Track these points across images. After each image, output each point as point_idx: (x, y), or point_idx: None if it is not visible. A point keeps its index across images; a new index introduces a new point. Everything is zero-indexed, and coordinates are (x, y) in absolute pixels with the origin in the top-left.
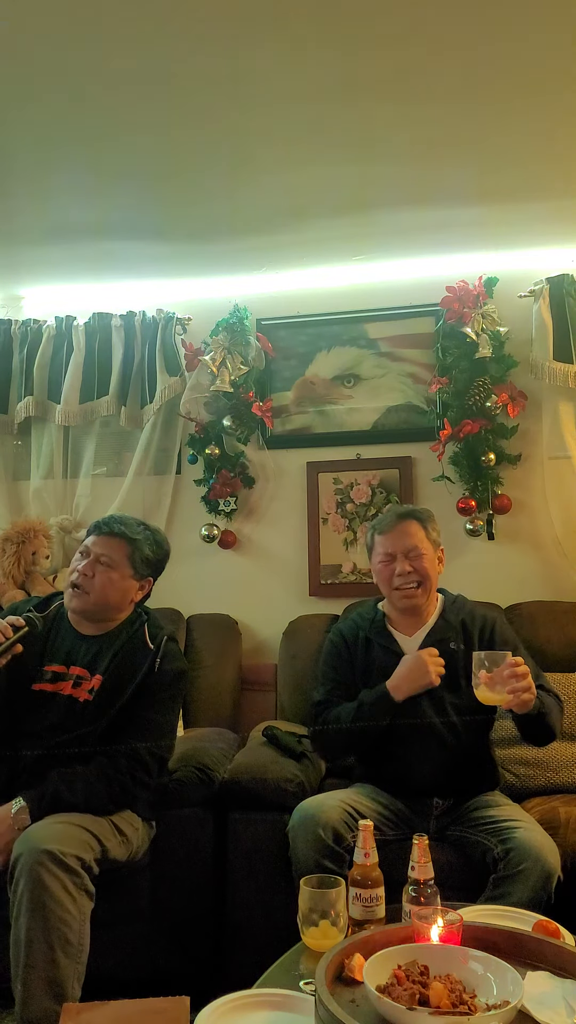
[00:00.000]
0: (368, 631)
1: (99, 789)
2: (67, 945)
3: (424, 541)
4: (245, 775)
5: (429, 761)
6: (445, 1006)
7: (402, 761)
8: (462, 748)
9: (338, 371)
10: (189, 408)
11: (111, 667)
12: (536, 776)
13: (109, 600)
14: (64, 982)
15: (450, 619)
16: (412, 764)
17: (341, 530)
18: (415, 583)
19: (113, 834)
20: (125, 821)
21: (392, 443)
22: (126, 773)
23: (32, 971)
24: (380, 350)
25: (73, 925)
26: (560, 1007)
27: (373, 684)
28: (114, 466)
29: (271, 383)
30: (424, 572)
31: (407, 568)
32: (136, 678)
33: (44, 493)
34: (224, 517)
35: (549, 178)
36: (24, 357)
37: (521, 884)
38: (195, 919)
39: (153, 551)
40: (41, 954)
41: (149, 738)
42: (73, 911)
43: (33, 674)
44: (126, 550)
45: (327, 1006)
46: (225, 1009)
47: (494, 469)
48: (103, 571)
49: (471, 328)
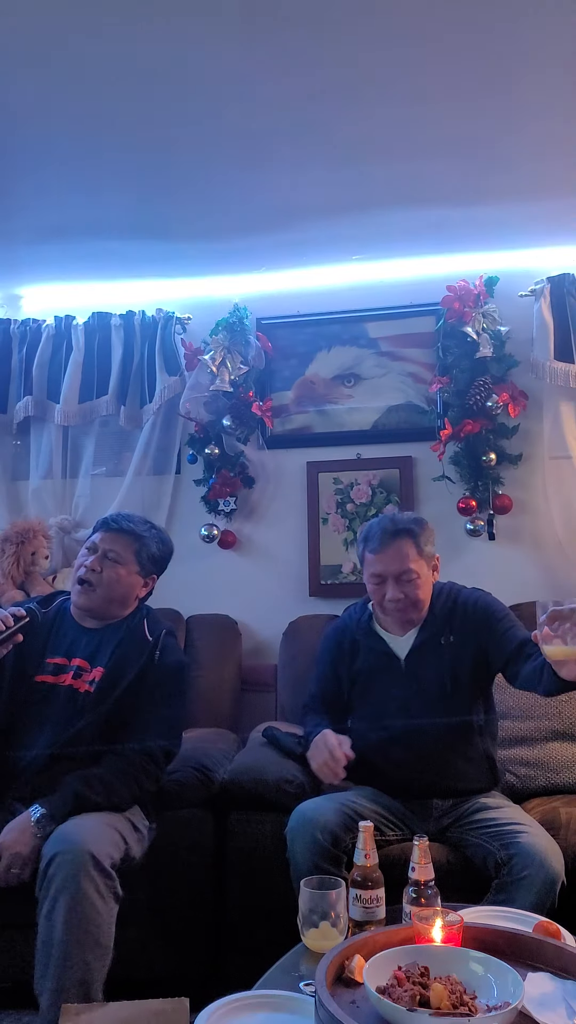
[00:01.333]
0: (356, 632)
1: (118, 786)
2: (97, 947)
3: (417, 560)
4: (245, 776)
5: (425, 762)
6: (446, 1007)
7: (399, 763)
8: (459, 748)
9: (338, 371)
10: (189, 408)
11: (112, 659)
12: (536, 777)
13: (115, 595)
14: (92, 984)
15: (438, 613)
16: (410, 765)
17: (341, 530)
18: (403, 608)
19: (131, 831)
20: (138, 818)
21: (392, 443)
22: (139, 768)
23: (67, 973)
24: (380, 349)
25: (104, 928)
26: (561, 1008)
27: (363, 685)
28: (113, 466)
29: (271, 383)
30: (415, 598)
31: (398, 595)
32: (135, 669)
33: (43, 493)
34: (224, 517)
35: (549, 178)
36: (23, 356)
37: (525, 891)
38: (195, 920)
39: (159, 549)
40: (76, 956)
41: (160, 733)
42: (104, 914)
43: (35, 666)
44: (134, 547)
45: (327, 1007)
46: (225, 1011)
47: (495, 469)
48: (111, 567)
49: (472, 327)
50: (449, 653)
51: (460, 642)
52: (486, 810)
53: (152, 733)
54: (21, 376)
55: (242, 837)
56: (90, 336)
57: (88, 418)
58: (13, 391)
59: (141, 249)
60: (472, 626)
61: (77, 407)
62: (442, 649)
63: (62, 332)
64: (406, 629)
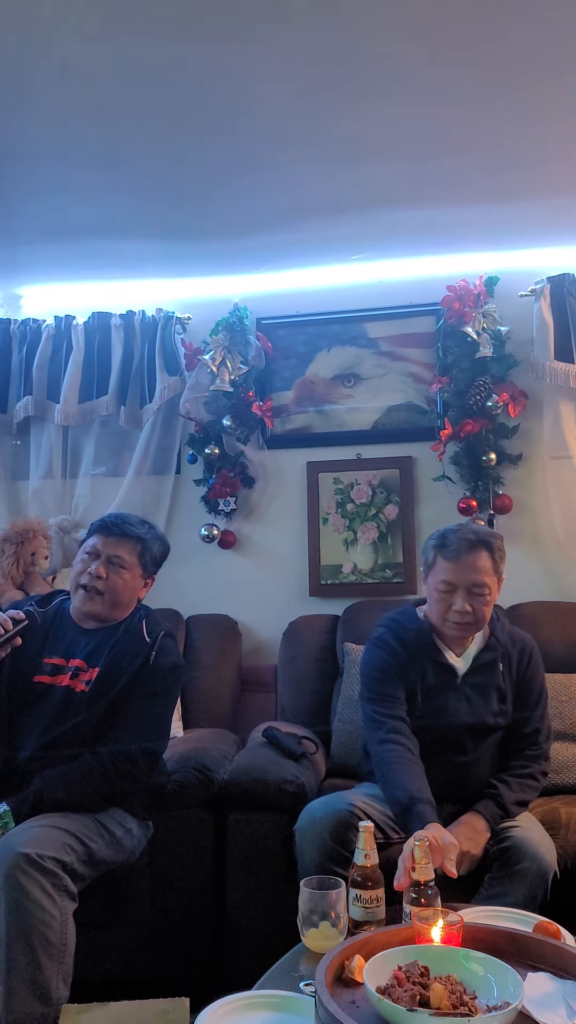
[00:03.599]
0: (417, 644)
1: (82, 786)
2: (49, 946)
3: (491, 576)
4: (245, 776)
5: (448, 768)
6: (446, 1007)
7: (431, 772)
8: (483, 759)
9: (338, 371)
10: (189, 408)
11: (108, 659)
12: None
13: (121, 600)
14: (48, 983)
15: (500, 638)
16: (433, 770)
17: (341, 530)
18: (469, 623)
19: (100, 834)
20: (115, 821)
21: (392, 443)
22: (111, 767)
23: (14, 973)
24: (380, 349)
25: (54, 926)
26: (560, 1008)
27: (427, 699)
28: (113, 466)
29: (271, 383)
30: (482, 616)
31: (467, 608)
32: (130, 670)
33: (43, 493)
34: (224, 517)
35: (549, 178)
36: (23, 356)
37: (518, 883)
38: (195, 920)
39: (159, 549)
40: (23, 956)
41: (139, 730)
42: (53, 912)
43: (33, 666)
44: (137, 550)
45: (327, 1007)
46: (225, 1010)
47: (495, 469)
48: (117, 572)
49: (472, 327)
50: (502, 680)
51: (509, 675)
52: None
53: (134, 733)
54: (21, 376)
55: (242, 837)
56: (90, 336)
57: (88, 418)
58: (13, 391)
59: (141, 249)
60: (519, 672)
61: (77, 407)
62: (497, 675)
63: (62, 332)
64: (463, 646)
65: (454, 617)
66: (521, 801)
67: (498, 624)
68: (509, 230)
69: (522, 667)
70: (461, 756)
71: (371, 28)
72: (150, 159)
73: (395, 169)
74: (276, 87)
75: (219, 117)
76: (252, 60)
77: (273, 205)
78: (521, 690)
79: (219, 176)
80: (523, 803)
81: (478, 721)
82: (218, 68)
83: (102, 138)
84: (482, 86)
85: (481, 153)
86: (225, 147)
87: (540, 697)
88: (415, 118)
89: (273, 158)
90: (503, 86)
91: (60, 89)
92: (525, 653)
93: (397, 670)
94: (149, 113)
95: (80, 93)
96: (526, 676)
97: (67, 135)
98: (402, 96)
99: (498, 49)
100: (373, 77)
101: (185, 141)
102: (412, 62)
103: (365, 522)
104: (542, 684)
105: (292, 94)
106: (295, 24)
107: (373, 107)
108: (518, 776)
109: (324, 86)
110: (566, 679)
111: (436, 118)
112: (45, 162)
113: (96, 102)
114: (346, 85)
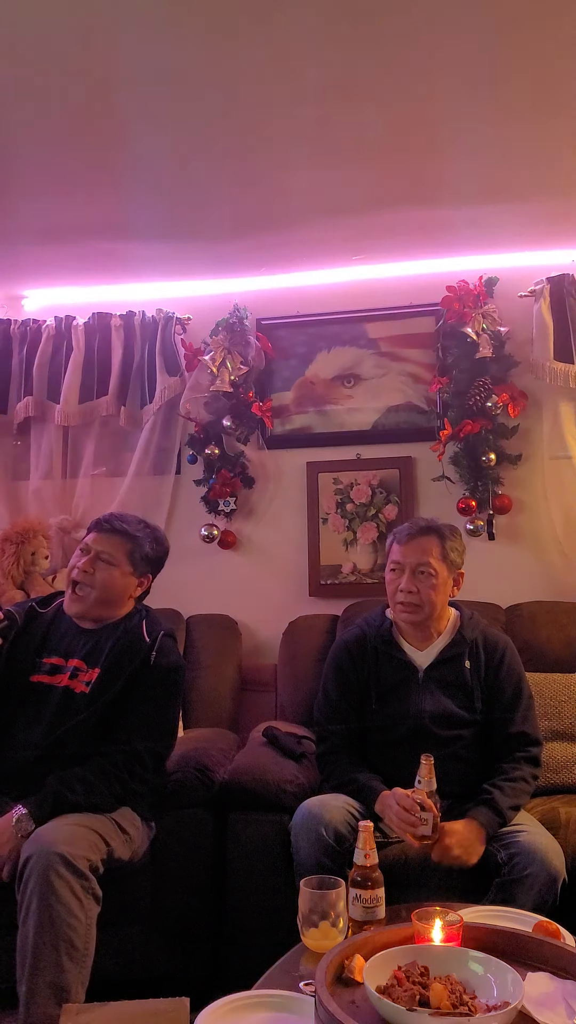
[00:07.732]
0: (376, 641)
1: (99, 786)
2: (73, 950)
3: (438, 560)
4: (245, 776)
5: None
6: (445, 1007)
7: (404, 764)
8: (460, 754)
9: (338, 371)
10: (189, 408)
11: (108, 659)
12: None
13: (108, 597)
14: (69, 987)
15: (466, 635)
16: (406, 762)
17: (341, 530)
18: (414, 604)
19: (117, 833)
20: (127, 820)
21: (392, 443)
22: (123, 769)
23: (38, 975)
24: (380, 350)
25: (80, 930)
26: (560, 1008)
27: (383, 697)
28: (113, 466)
29: (271, 383)
30: (428, 599)
31: (411, 587)
32: (130, 670)
33: (43, 493)
34: (224, 517)
35: (549, 178)
36: (24, 357)
37: (526, 889)
38: (195, 920)
39: (153, 548)
40: (48, 959)
41: (146, 734)
42: (80, 916)
43: (31, 666)
44: (126, 547)
45: (327, 1007)
46: (225, 1010)
47: (494, 469)
48: (103, 568)
49: (471, 328)
50: (468, 676)
51: (477, 672)
52: None
53: (140, 734)
54: (21, 376)
55: (242, 837)
56: (90, 336)
57: (88, 418)
58: (13, 391)
59: (141, 249)
60: (489, 672)
61: (77, 407)
62: (463, 671)
63: (62, 332)
64: (425, 643)
65: (399, 597)
66: (515, 806)
67: (469, 622)
68: (509, 230)
69: (492, 666)
70: (433, 748)
71: (371, 29)
72: (150, 160)
73: (395, 169)
74: (277, 88)
75: (220, 119)
76: (253, 61)
77: (273, 205)
78: (493, 689)
79: (220, 177)
80: (516, 807)
81: (442, 711)
82: (218, 69)
83: (102, 139)
84: (482, 87)
85: (481, 153)
86: (226, 148)
87: (517, 698)
88: (415, 119)
89: (274, 159)
90: (502, 86)
91: (60, 90)
92: (496, 652)
93: (344, 680)
94: (149, 114)
95: (80, 95)
96: (498, 675)
97: (67, 136)
98: (402, 97)
99: (498, 49)
100: (374, 78)
101: (186, 142)
102: (413, 63)
103: (365, 522)
104: (518, 685)
105: (293, 95)
106: (295, 24)
107: (374, 108)
108: (510, 780)
109: (324, 87)
110: (565, 679)
111: (436, 118)
112: (45, 163)
113: (96, 104)
114: (346, 86)
